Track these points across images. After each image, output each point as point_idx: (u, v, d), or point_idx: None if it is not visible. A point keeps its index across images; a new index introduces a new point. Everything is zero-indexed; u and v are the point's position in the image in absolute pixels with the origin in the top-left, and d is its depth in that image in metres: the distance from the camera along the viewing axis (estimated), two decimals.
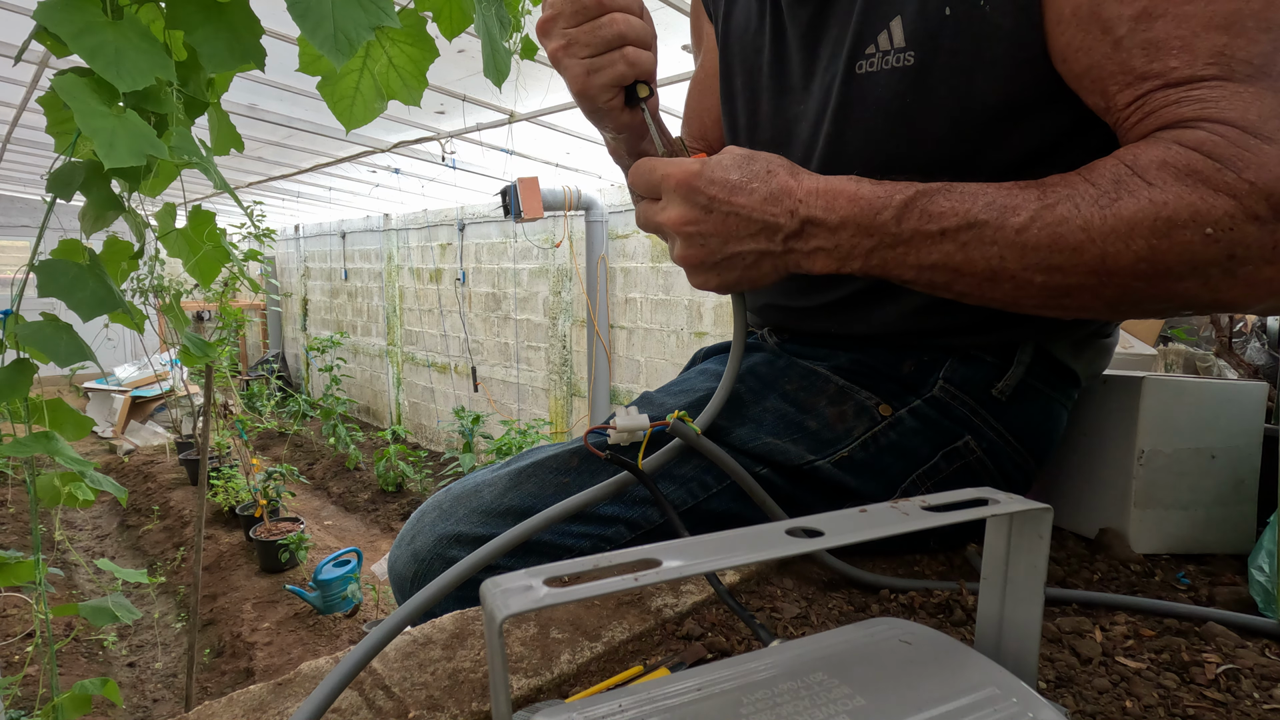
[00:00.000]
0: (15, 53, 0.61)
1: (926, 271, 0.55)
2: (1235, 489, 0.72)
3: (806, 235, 0.57)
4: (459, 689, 0.47)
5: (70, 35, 0.53)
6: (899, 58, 0.61)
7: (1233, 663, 0.49)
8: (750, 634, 0.53)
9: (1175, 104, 0.48)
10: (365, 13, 0.57)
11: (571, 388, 5.30)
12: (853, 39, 0.63)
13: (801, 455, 0.69)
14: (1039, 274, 0.51)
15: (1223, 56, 0.47)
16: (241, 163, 5.13)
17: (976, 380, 0.69)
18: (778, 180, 0.57)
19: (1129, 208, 0.47)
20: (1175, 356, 1.36)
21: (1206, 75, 0.47)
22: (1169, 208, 0.46)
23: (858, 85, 0.64)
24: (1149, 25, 0.49)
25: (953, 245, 0.53)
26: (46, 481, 0.87)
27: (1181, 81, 0.48)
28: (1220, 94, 0.46)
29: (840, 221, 0.55)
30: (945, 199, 0.53)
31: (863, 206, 0.55)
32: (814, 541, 0.31)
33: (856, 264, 0.57)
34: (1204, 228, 0.46)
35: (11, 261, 8.05)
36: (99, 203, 0.67)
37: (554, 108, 3.30)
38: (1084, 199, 0.49)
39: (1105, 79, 0.52)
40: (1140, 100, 0.50)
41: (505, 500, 0.69)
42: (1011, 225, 0.51)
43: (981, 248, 0.52)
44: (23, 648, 3.18)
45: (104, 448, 6.83)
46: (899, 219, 0.54)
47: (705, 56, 0.90)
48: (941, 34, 0.58)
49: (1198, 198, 0.46)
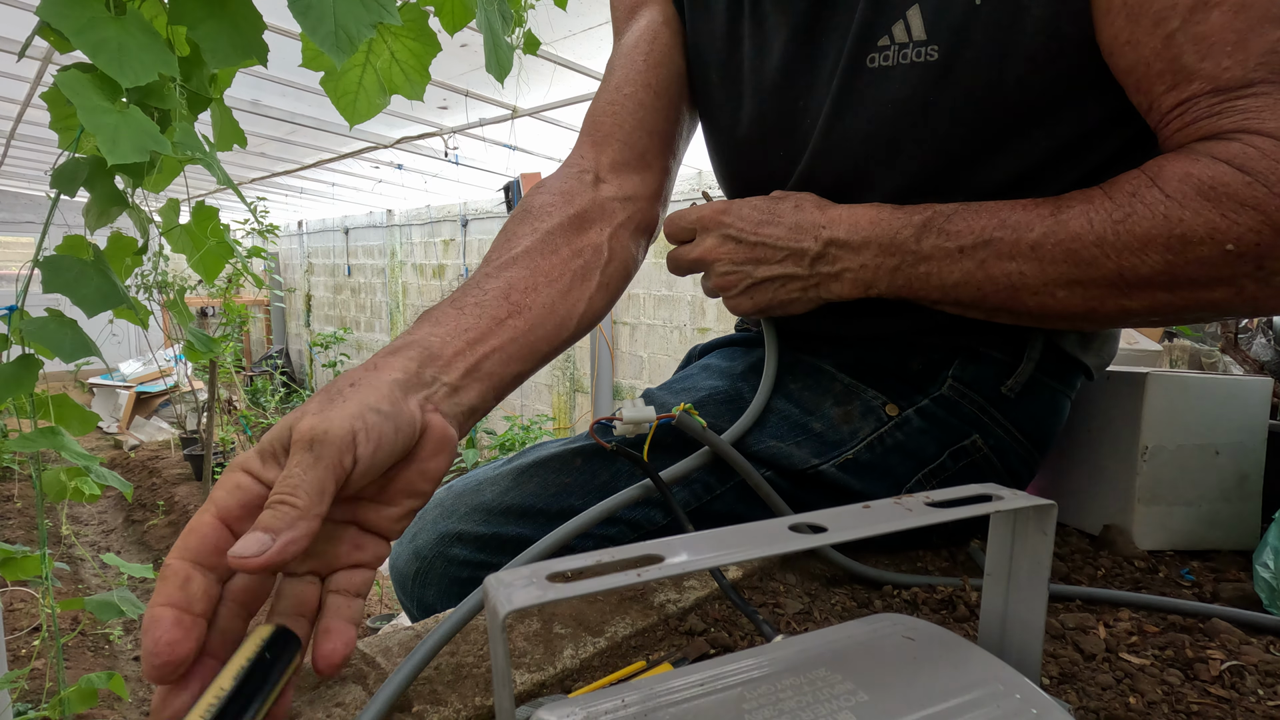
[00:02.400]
0: (19, 49, 0.61)
1: (952, 291, 0.55)
2: (1240, 485, 0.72)
3: (831, 258, 0.59)
4: (462, 683, 0.47)
5: (74, 31, 0.54)
6: (920, 51, 0.57)
7: (1237, 659, 0.49)
8: (753, 629, 0.54)
9: (1217, 115, 0.47)
10: (366, 10, 0.57)
11: (575, 383, 5.30)
12: (859, 29, 0.60)
13: (806, 459, 0.68)
14: (1060, 289, 0.51)
15: (1275, 55, 0.45)
16: (244, 158, 5.13)
17: (986, 378, 0.69)
18: (804, 212, 0.61)
19: (1143, 224, 0.47)
20: (1180, 352, 1.36)
21: (1255, 79, 0.45)
22: (1184, 224, 0.46)
23: (867, 80, 0.61)
24: (1204, 16, 0.47)
25: (972, 263, 0.54)
26: (52, 476, 0.88)
27: (1231, 86, 0.46)
28: (1265, 103, 0.45)
29: (863, 241, 0.57)
30: (961, 218, 0.54)
31: (883, 227, 0.56)
32: (817, 537, 0.31)
33: (883, 285, 0.58)
34: (1224, 244, 0.45)
35: (16, 258, 8.07)
36: (103, 199, 0.67)
37: (557, 103, 3.30)
38: (1098, 213, 0.49)
39: (1152, 78, 0.50)
40: (1184, 106, 0.48)
41: (507, 499, 0.68)
42: (1026, 241, 0.51)
43: (1000, 264, 0.53)
44: (30, 641, 3.20)
45: (109, 443, 6.86)
46: (919, 237, 0.55)
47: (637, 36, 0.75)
48: (970, 26, 0.55)
49: (1218, 214, 0.45)
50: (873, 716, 0.29)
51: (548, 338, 0.57)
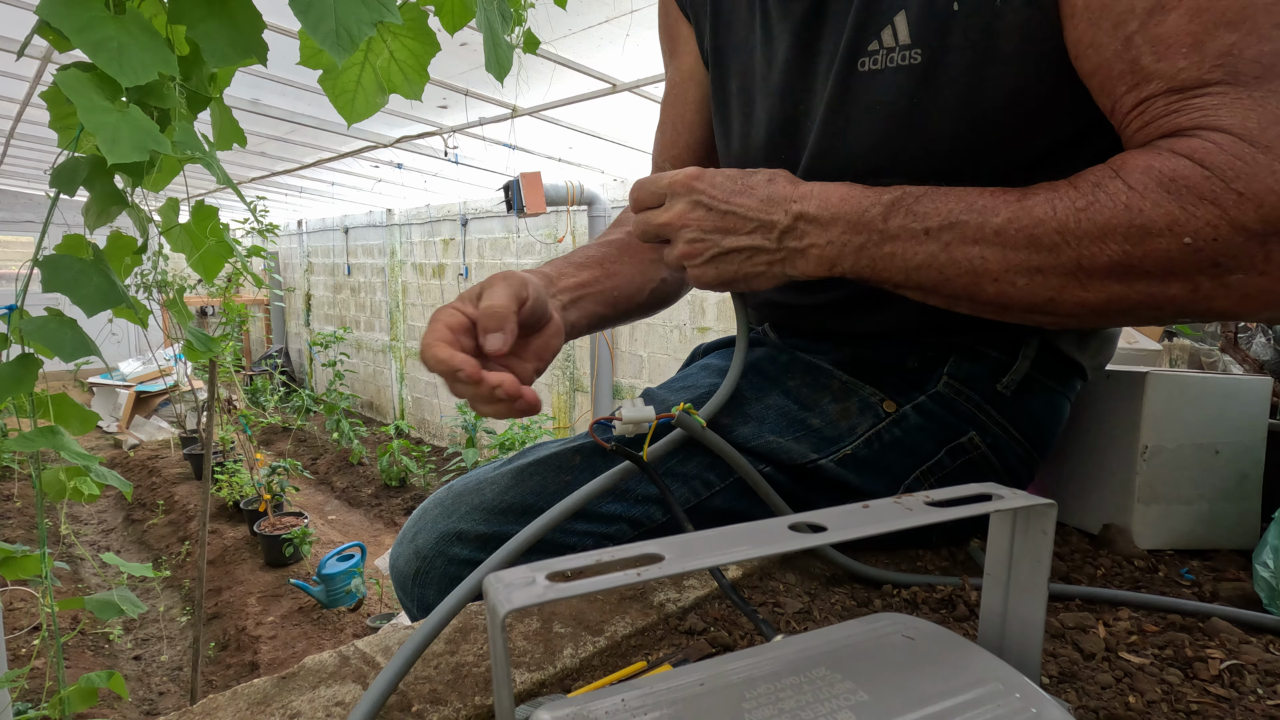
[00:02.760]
0: (18, 47, 0.61)
1: (914, 274, 0.55)
2: (1239, 484, 0.72)
3: (800, 232, 0.58)
4: (462, 683, 0.47)
5: (73, 30, 0.53)
6: (904, 55, 0.59)
7: (1237, 659, 0.49)
8: (753, 629, 0.54)
9: (1175, 113, 0.48)
10: (366, 8, 0.57)
11: (574, 383, 5.31)
12: (851, 35, 0.62)
13: (804, 454, 0.68)
14: (1020, 276, 0.51)
15: (1230, 58, 0.46)
16: (244, 158, 5.13)
17: (981, 375, 0.69)
18: (777, 186, 0.60)
19: (1104, 212, 0.47)
20: (1180, 352, 1.36)
21: (1211, 80, 0.46)
22: (1144, 215, 0.46)
23: (859, 83, 0.62)
24: (1161, 19, 0.48)
25: (936, 245, 0.54)
26: (52, 476, 0.88)
27: (1187, 86, 0.47)
28: (1221, 101, 0.46)
29: (832, 217, 0.57)
30: (930, 200, 0.54)
31: (852, 204, 0.56)
32: (817, 537, 0.31)
33: (847, 264, 0.57)
34: (1182, 237, 0.45)
35: (16, 257, 8.07)
36: (102, 198, 0.67)
37: (556, 102, 3.30)
38: (1062, 201, 0.49)
39: (1114, 79, 0.51)
40: (1143, 105, 0.49)
41: (507, 498, 0.69)
42: (991, 226, 0.51)
43: (963, 248, 0.53)
44: (30, 641, 3.20)
45: (109, 442, 6.86)
46: (886, 216, 0.55)
47: (681, 61, 0.86)
48: (950, 30, 0.57)
49: (1177, 206, 0.45)
50: (872, 715, 0.29)
51: (627, 296, 0.79)
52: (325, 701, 0.46)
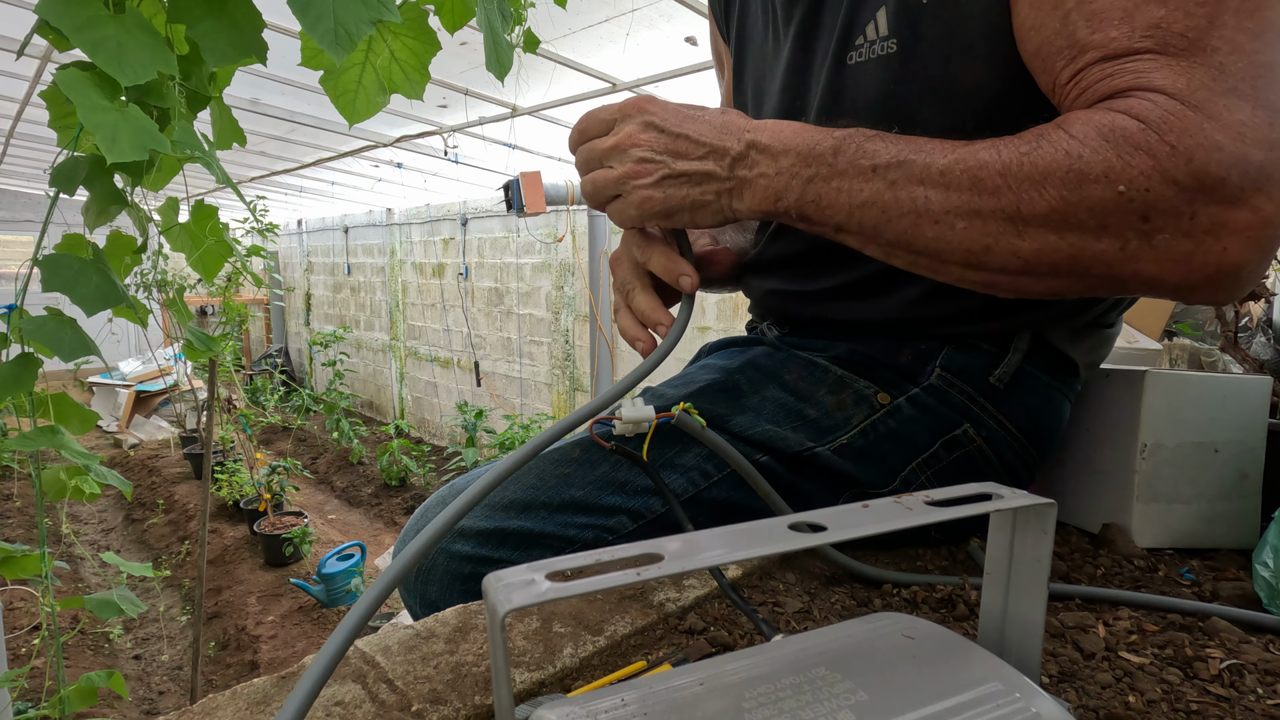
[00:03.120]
0: (18, 47, 0.61)
1: (857, 212, 0.56)
2: (1239, 483, 0.72)
3: (751, 161, 0.58)
4: (461, 682, 0.47)
5: (73, 29, 0.53)
6: (883, 46, 0.63)
7: (1236, 658, 0.49)
8: (753, 628, 0.54)
9: (1110, 76, 0.50)
10: (366, 7, 0.57)
11: (574, 382, 5.31)
12: (842, 30, 0.66)
13: (801, 442, 0.69)
14: (960, 219, 0.52)
15: (1159, 30, 0.48)
16: (244, 157, 5.13)
17: (974, 368, 0.70)
18: (730, 117, 0.60)
19: (1046, 156, 0.49)
20: (1180, 351, 1.36)
21: (1141, 48, 0.48)
22: (1083, 160, 0.48)
23: (848, 75, 0.66)
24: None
25: (882, 183, 0.54)
26: (52, 475, 0.88)
27: (1118, 54, 0.49)
28: (1153, 65, 0.48)
29: (784, 148, 0.57)
30: (880, 140, 0.55)
31: (805, 138, 0.57)
32: (817, 536, 0.31)
33: (792, 197, 0.57)
34: (1117, 185, 0.47)
35: (15, 256, 8.07)
36: (102, 197, 0.67)
37: (556, 102, 3.30)
38: (1007, 147, 0.51)
39: (1053, 55, 0.53)
40: (1079, 75, 0.51)
41: (508, 493, 0.69)
42: (936, 166, 0.52)
43: (909, 187, 0.53)
44: (29, 640, 3.20)
45: (109, 442, 6.86)
46: (836, 151, 0.56)
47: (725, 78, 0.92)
48: (920, 20, 0.60)
49: (1114, 154, 0.47)
50: (872, 715, 0.29)
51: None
52: (325, 701, 0.46)
